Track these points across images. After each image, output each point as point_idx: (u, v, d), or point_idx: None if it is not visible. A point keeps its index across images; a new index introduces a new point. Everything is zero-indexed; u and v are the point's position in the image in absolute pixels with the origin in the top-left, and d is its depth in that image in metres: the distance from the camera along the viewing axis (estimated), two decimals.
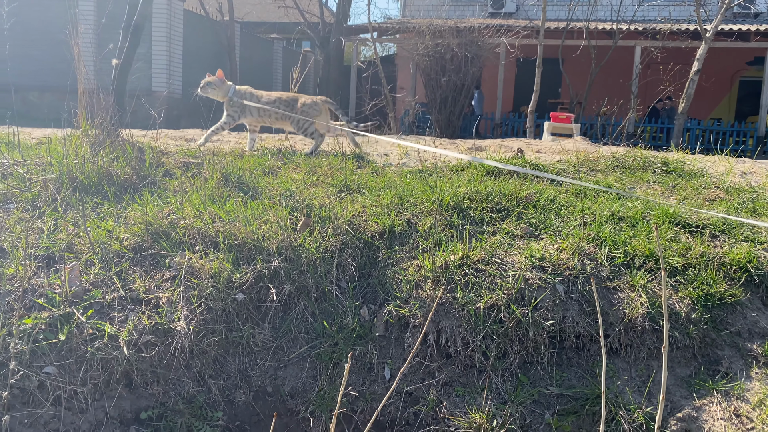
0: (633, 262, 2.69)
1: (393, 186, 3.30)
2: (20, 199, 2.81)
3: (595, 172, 3.80)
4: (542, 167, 3.71)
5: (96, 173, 3.03)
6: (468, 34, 13.47)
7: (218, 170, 3.24)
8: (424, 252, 2.68)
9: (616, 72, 14.69)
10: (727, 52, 14.65)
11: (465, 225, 2.87)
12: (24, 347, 2.01)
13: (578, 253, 2.65)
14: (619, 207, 3.11)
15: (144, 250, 2.54)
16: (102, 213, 2.80)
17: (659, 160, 4.01)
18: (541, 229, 2.88)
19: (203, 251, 2.54)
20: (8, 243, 2.43)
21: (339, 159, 3.84)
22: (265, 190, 3.12)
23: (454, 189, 3.11)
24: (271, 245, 2.59)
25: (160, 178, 3.28)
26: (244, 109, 4.26)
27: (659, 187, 3.55)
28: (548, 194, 3.21)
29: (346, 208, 2.93)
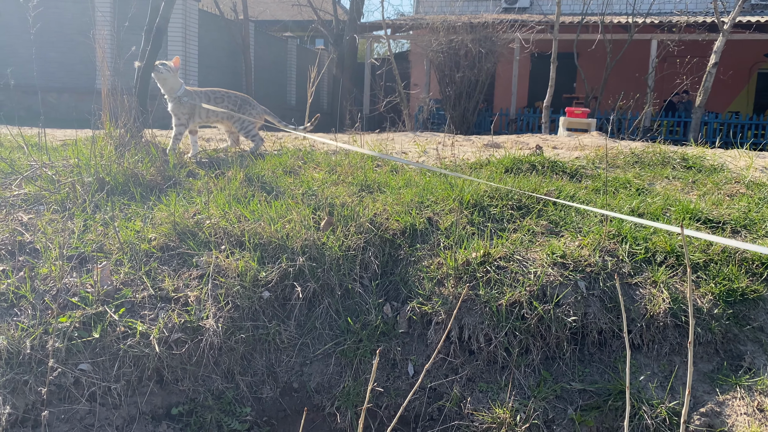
0: (654, 258, 2.70)
1: (413, 184, 3.33)
2: (50, 201, 2.88)
3: (614, 168, 3.80)
4: (561, 164, 3.72)
5: (122, 174, 3.10)
6: (482, 29, 13.44)
7: (241, 170, 3.30)
8: (445, 249, 2.71)
9: (632, 66, 14.60)
10: (745, 45, 14.49)
11: (486, 222, 2.89)
12: (60, 345, 2.07)
13: (599, 250, 2.67)
14: (639, 203, 3.12)
15: (171, 249, 2.60)
16: (129, 213, 2.86)
17: (678, 156, 4.00)
18: (561, 226, 2.90)
19: (229, 250, 2.58)
20: (41, 244, 2.49)
21: (358, 158, 3.88)
22: (287, 190, 3.16)
23: (474, 186, 3.13)
24: (295, 244, 2.64)
25: (183, 178, 3.34)
26: (194, 112, 3.90)
27: (679, 183, 3.55)
28: (568, 191, 3.23)
29: (367, 207, 2.97)
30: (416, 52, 16.11)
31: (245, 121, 4.08)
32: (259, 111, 4.18)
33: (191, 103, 3.85)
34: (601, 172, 3.70)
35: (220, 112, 3.98)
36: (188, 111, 3.87)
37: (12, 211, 2.79)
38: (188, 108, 3.86)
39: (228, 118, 4.04)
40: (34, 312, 2.17)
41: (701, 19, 13.68)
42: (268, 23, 19.42)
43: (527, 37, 13.54)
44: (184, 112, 3.86)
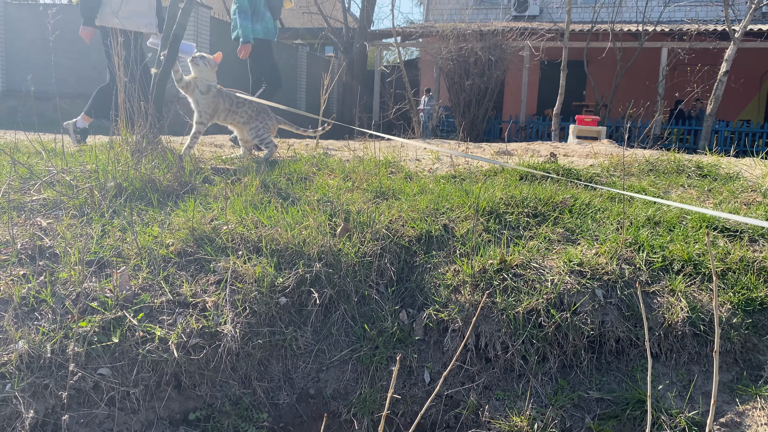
0: (671, 266, 2.69)
1: (428, 191, 3.34)
2: (68, 206, 2.90)
3: (628, 176, 3.79)
4: (575, 171, 3.71)
5: (139, 180, 3.12)
6: (491, 37, 13.46)
7: (257, 177, 3.31)
8: (461, 257, 2.71)
9: (642, 74, 14.58)
10: (756, 53, 14.44)
11: (502, 230, 2.89)
12: (80, 349, 2.08)
13: (616, 258, 2.66)
14: (655, 211, 3.11)
15: (189, 255, 2.61)
16: (146, 219, 2.88)
17: (693, 164, 3.99)
18: (577, 233, 2.89)
19: (246, 256, 2.59)
20: (60, 248, 2.51)
21: (373, 164, 3.89)
22: (303, 196, 3.17)
23: (490, 194, 3.13)
24: (311, 250, 2.64)
25: (199, 184, 3.36)
26: (217, 109, 3.92)
27: (695, 191, 3.54)
28: (583, 199, 3.22)
29: (383, 214, 2.97)
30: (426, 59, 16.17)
31: (260, 129, 4.06)
32: (275, 120, 4.19)
33: (216, 100, 3.89)
34: (616, 179, 3.69)
35: (239, 115, 4.01)
36: (213, 108, 3.90)
37: (31, 215, 2.81)
38: (213, 105, 3.88)
39: (246, 123, 4.04)
40: (54, 316, 2.19)
41: (712, 27, 13.65)
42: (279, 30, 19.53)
43: (537, 44, 13.56)
44: (209, 109, 3.88)
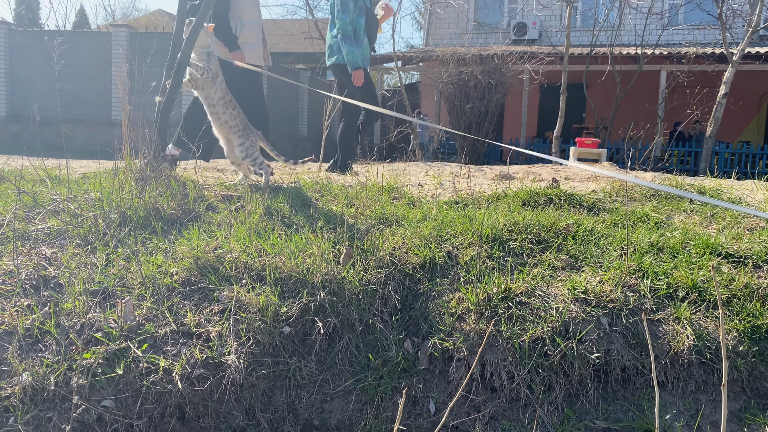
0: (676, 293, 2.68)
1: (430, 217, 3.34)
2: (72, 235, 2.90)
3: (631, 201, 3.80)
4: (578, 197, 3.72)
5: (143, 209, 3.13)
6: (491, 61, 13.58)
7: (261, 204, 3.32)
8: (466, 284, 2.70)
9: (642, 96, 14.67)
10: (755, 75, 14.55)
11: (506, 257, 2.89)
12: (84, 381, 2.07)
13: (621, 285, 2.66)
14: (659, 237, 3.11)
15: (193, 284, 2.61)
16: (150, 248, 2.88)
17: (695, 189, 4.00)
18: (581, 260, 2.89)
19: (250, 285, 2.59)
20: (65, 278, 2.51)
21: (376, 190, 3.90)
22: (306, 223, 3.18)
23: (493, 221, 3.14)
24: (315, 278, 2.64)
25: (203, 212, 3.37)
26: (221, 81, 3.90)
27: (697, 217, 3.54)
28: (586, 225, 3.23)
29: (386, 241, 2.98)
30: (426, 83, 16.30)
31: (250, 148, 3.94)
32: (256, 136, 4.06)
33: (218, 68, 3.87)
34: (619, 205, 3.69)
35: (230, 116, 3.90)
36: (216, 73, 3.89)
37: (36, 245, 2.81)
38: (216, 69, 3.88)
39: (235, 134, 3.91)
40: (58, 348, 2.18)
41: (710, 50, 13.77)
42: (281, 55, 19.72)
43: (536, 68, 13.66)
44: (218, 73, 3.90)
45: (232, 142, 4.01)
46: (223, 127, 3.94)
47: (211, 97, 3.87)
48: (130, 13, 29.14)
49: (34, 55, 13.80)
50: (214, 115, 3.90)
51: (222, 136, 4.03)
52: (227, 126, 3.93)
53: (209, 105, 3.89)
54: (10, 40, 14.17)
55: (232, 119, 3.93)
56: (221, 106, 3.89)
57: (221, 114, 3.89)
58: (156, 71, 5.17)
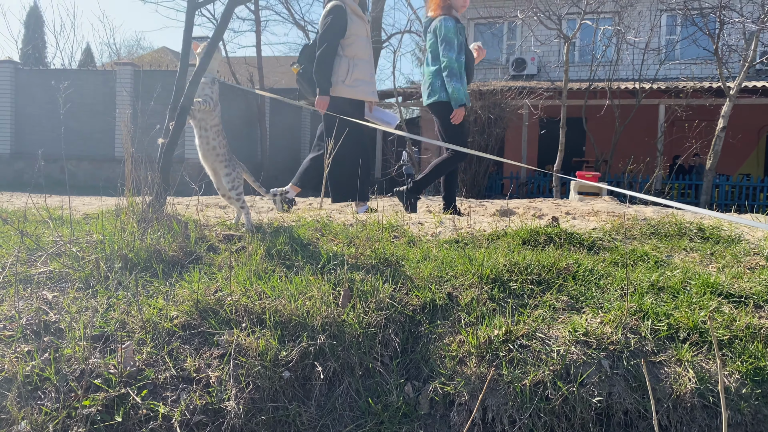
0: (677, 334, 2.68)
1: (431, 257, 3.35)
2: (74, 278, 2.92)
3: (630, 240, 3.81)
4: (578, 236, 3.73)
5: (145, 251, 3.14)
6: (491, 96, 13.75)
7: (262, 245, 3.34)
8: (466, 327, 2.70)
9: (641, 130, 14.80)
10: (753, 108, 14.70)
11: (506, 298, 2.89)
12: (83, 429, 2.06)
13: (621, 327, 2.65)
14: (659, 277, 3.11)
15: (193, 328, 2.61)
16: (151, 291, 2.89)
17: (695, 226, 4.01)
18: (582, 301, 2.89)
19: (250, 329, 2.59)
20: (65, 323, 2.52)
21: (376, 229, 3.92)
22: (307, 264, 3.19)
23: (493, 261, 3.15)
24: (315, 321, 2.64)
25: (204, 253, 3.38)
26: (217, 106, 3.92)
27: (697, 255, 3.55)
28: (587, 264, 3.23)
29: (387, 282, 2.98)
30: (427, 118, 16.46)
31: (236, 180, 3.95)
32: (241, 168, 4.07)
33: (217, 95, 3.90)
34: (619, 243, 3.71)
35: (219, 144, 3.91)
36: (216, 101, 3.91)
37: (37, 288, 2.82)
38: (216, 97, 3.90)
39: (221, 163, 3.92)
40: (57, 395, 2.17)
41: (707, 84, 13.93)
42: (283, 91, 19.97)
43: (536, 103, 13.82)
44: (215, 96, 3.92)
45: (218, 172, 4.03)
46: (211, 153, 3.94)
47: (206, 122, 3.90)
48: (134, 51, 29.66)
49: (40, 93, 14.00)
50: (204, 139, 3.91)
51: (208, 165, 4.03)
52: (214, 153, 3.94)
53: (202, 129, 3.91)
54: (16, 79, 14.40)
55: (220, 147, 3.95)
56: (214, 132, 3.92)
57: (211, 140, 3.91)
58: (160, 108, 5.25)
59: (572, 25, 15.69)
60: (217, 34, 3.69)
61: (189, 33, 3.83)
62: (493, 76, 17.51)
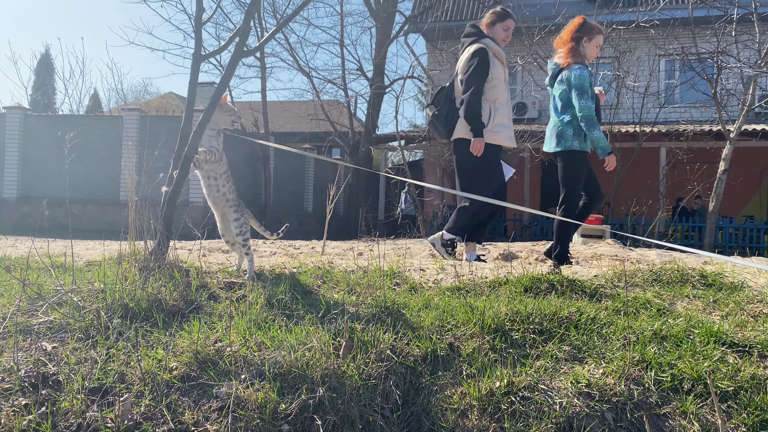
0: (681, 386, 2.64)
1: (432, 306, 3.34)
2: (74, 328, 2.91)
3: (633, 287, 3.80)
4: (580, 283, 3.72)
5: (146, 300, 3.15)
6: None
7: (262, 294, 3.34)
8: (468, 378, 2.67)
9: (643, 172, 14.86)
10: (754, 150, 14.79)
11: (508, 348, 2.87)
12: None
13: (624, 378, 2.62)
14: (661, 325, 3.09)
15: (192, 379, 2.59)
16: (151, 341, 2.88)
17: (697, 273, 4.00)
18: (584, 351, 2.87)
19: (249, 380, 2.57)
20: (63, 375, 2.50)
21: (377, 276, 3.92)
22: (307, 314, 3.18)
23: (495, 310, 3.13)
24: (315, 373, 2.62)
25: (205, 301, 3.38)
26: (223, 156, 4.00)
27: (700, 303, 3.53)
28: (589, 313, 3.22)
29: (388, 331, 2.96)
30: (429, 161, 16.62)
31: (244, 226, 4.01)
32: (248, 214, 4.14)
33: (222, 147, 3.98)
34: (621, 291, 3.69)
35: (228, 190, 4.00)
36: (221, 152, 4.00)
37: (37, 339, 2.82)
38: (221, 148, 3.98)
39: (230, 208, 4.00)
40: None
41: (707, 127, 14.05)
42: (287, 135, 20.25)
43: (537, 146, 13.92)
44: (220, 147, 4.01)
45: (227, 216, 4.08)
46: (221, 200, 4.01)
47: (215, 171, 3.97)
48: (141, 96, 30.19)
49: (47, 138, 14.20)
50: (214, 187, 3.98)
51: (217, 211, 4.10)
52: (225, 199, 4.01)
53: (211, 178, 3.97)
54: (24, 125, 14.63)
55: (230, 192, 4.02)
56: (223, 179, 3.99)
57: (221, 186, 3.99)
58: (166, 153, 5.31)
59: None
60: (221, 86, 3.77)
61: (194, 84, 3.91)
62: None
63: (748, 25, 11.83)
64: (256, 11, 14.32)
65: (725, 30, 11.32)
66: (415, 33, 18.30)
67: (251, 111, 16.06)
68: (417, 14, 17.84)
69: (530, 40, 12.57)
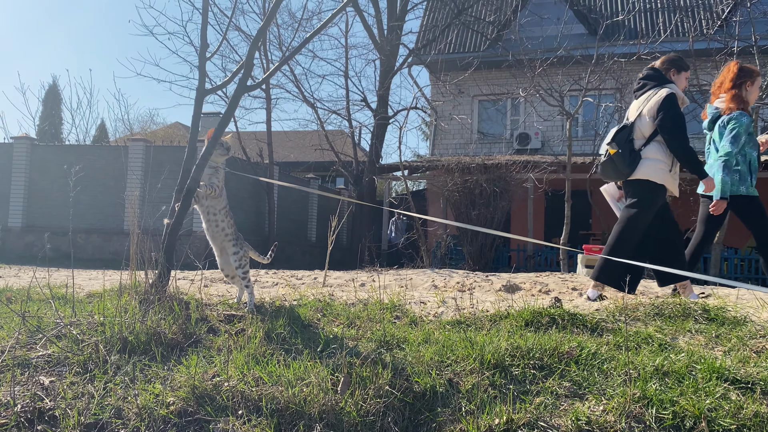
0: (683, 423, 2.61)
1: (432, 341, 3.32)
2: (72, 362, 2.90)
3: (634, 322, 3.77)
4: (581, 317, 3.71)
5: (145, 333, 3.14)
6: (495, 170, 13.93)
7: (261, 328, 3.33)
8: (467, 415, 2.65)
9: None
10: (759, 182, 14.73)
11: (508, 384, 2.85)
12: None
13: (625, 415, 2.59)
14: (663, 361, 3.06)
15: (189, 414, 2.57)
16: (149, 375, 2.87)
17: (699, 307, 3.97)
18: (585, 387, 2.84)
19: (246, 417, 2.55)
20: (60, 411, 2.49)
21: (377, 309, 3.91)
22: (306, 348, 3.17)
23: (495, 345, 3.12)
24: (312, 409, 2.60)
25: (204, 335, 3.38)
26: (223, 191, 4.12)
27: (702, 338, 3.50)
28: (589, 347, 3.19)
29: (387, 367, 2.95)
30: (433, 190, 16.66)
31: (243, 259, 4.08)
32: (247, 247, 4.21)
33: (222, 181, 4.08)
34: (622, 325, 3.67)
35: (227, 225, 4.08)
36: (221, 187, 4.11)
37: (35, 373, 2.81)
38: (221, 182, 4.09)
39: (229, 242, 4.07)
40: None
41: None
42: (291, 164, 20.39)
43: (540, 177, 13.97)
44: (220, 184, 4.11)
45: (226, 250, 4.13)
46: (220, 234, 4.09)
47: (215, 207, 4.04)
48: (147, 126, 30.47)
49: (54, 167, 14.31)
50: (213, 222, 4.06)
51: (216, 245, 4.17)
52: (224, 233, 4.08)
53: (210, 213, 4.05)
54: (31, 154, 14.77)
55: (229, 227, 4.09)
56: (222, 214, 4.07)
57: (220, 221, 4.06)
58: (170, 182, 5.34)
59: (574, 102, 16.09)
60: (224, 121, 3.82)
61: (197, 118, 3.96)
62: (497, 150, 17.82)
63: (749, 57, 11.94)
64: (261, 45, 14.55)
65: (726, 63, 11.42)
66: (419, 65, 18.51)
67: (256, 141, 16.21)
68: (420, 47, 18.07)
69: (532, 72, 12.69)
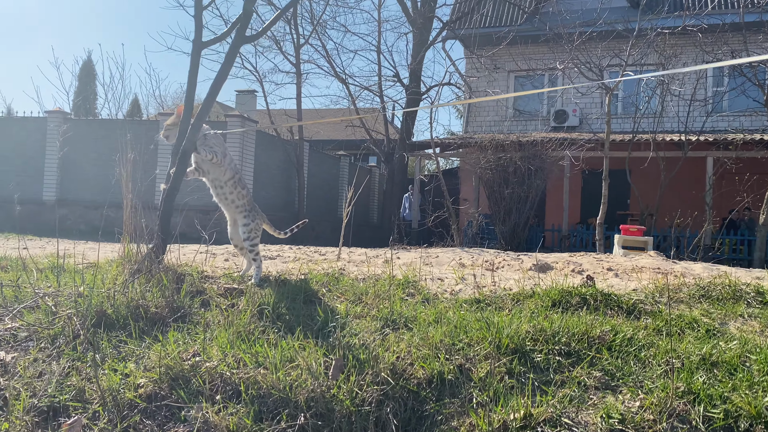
0: (737, 425, 2.19)
1: (443, 320, 2.95)
2: (42, 336, 2.63)
3: (677, 303, 3.34)
4: (616, 297, 3.29)
5: (125, 306, 2.85)
6: (530, 147, 13.37)
7: (256, 301, 3.01)
8: (479, 407, 2.28)
9: (688, 182, 14.11)
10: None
11: (528, 373, 2.46)
12: None
13: (666, 413, 2.19)
14: (711, 349, 2.64)
15: (159, 399, 2.27)
16: (124, 352, 2.57)
17: (752, 289, 3.51)
18: (618, 378, 2.44)
19: (222, 403, 2.23)
20: (11, 392, 2.21)
21: (386, 286, 3.55)
22: (303, 324, 2.83)
23: (515, 327, 2.73)
24: (299, 396, 2.27)
25: (195, 309, 3.07)
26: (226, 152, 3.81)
27: (756, 323, 3.05)
28: (625, 332, 2.78)
29: (389, 349, 2.59)
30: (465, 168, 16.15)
31: (253, 231, 3.81)
32: (261, 219, 3.91)
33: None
34: (662, 307, 3.24)
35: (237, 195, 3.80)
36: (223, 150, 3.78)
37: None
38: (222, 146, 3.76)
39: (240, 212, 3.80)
40: None
41: (758, 136, 13.27)
42: (322, 142, 20.09)
43: (577, 155, 13.36)
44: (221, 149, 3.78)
45: (237, 222, 3.87)
46: (230, 206, 3.86)
47: (219, 179, 3.75)
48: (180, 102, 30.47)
49: (87, 141, 14.27)
50: (221, 195, 3.81)
51: (229, 215, 3.96)
52: (234, 205, 3.85)
53: (217, 186, 3.81)
54: (64, 129, 14.75)
55: (239, 199, 3.84)
56: (230, 186, 3.79)
57: (228, 194, 3.81)
58: None
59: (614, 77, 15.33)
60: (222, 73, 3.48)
61: (194, 73, 3.64)
62: (533, 127, 17.18)
63: None
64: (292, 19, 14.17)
65: None
66: (453, 39, 17.90)
67: (286, 117, 15.90)
68: (455, 20, 17.44)
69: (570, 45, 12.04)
